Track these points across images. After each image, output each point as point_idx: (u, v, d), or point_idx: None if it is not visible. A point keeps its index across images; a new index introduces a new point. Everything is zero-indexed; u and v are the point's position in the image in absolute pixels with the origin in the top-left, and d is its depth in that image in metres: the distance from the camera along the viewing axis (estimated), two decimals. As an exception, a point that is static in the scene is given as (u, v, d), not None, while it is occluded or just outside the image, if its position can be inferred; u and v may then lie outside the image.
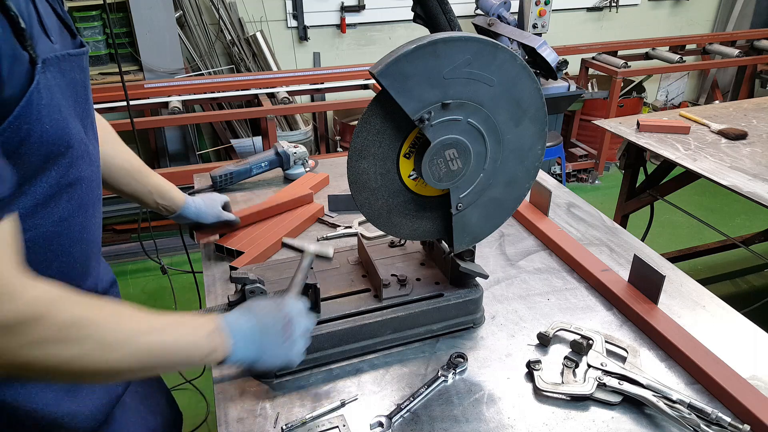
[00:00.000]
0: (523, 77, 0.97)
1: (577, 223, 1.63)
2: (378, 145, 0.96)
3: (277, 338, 0.91)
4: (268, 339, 0.90)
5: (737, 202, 3.91)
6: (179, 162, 3.82)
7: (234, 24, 3.93)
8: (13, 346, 0.66)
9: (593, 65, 4.45)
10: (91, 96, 0.91)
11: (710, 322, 1.23)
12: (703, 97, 5.48)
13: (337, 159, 2.02)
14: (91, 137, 0.90)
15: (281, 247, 1.48)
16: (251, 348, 0.88)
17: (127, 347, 0.74)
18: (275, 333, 0.91)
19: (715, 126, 2.43)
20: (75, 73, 0.84)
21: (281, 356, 0.92)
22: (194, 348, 0.81)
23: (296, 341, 0.94)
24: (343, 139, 4.22)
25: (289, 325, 0.93)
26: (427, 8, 1.13)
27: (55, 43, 0.80)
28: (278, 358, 0.92)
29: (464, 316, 1.18)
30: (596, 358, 1.06)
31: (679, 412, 0.95)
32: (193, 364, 0.82)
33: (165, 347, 0.79)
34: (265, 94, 3.57)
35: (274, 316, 0.93)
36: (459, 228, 1.08)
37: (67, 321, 0.69)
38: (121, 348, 0.74)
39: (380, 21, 4.33)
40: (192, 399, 2.43)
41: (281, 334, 0.92)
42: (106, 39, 3.62)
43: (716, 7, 5.28)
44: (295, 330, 0.94)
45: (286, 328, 0.93)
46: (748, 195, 1.88)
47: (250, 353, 0.88)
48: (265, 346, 0.90)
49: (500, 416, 0.99)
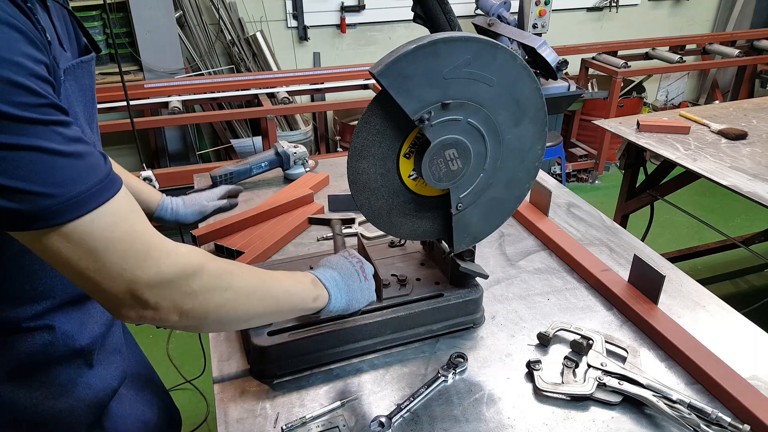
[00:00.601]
0: (523, 77, 0.97)
1: (577, 223, 1.63)
2: (378, 145, 0.96)
3: (358, 281, 1.00)
4: (352, 282, 0.99)
5: (737, 202, 3.91)
6: (179, 162, 3.82)
7: (234, 24, 3.93)
8: (177, 296, 0.72)
9: (593, 65, 4.45)
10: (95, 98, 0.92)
11: (710, 322, 1.23)
12: (703, 97, 5.48)
13: (337, 159, 2.02)
14: (96, 139, 0.92)
15: (281, 248, 1.48)
16: (343, 293, 0.97)
17: (260, 292, 0.84)
18: (355, 277, 1.00)
19: (715, 126, 2.43)
20: (85, 79, 0.85)
21: (365, 295, 1.01)
22: (306, 293, 0.91)
23: (371, 280, 1.02)
24: (343, 139, 4.22)
25: (363, 266, 1.01)
26: (427, 8, 1.13)
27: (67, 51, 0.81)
28: (363, 298, 1.01)
29: (464, 316, 1.18)
30: (596, 358, 1.07)
31: (679, 412, 0.95)
32: (304, 309, 0.91)
33: (287, 292, 0.88)
34: (265, 94, 3.57)
35: (349, 263, 1.01)
36: (459, 228, 1.08)
37: (217, 271, 0.77)
38: (256, 293, 0.83)
39: (380, 21, 4.33)
40: (192, 399, 2.43)
41: (359, 276, 1.00)
42: (106, 39, 3.62)
43: (716, 7, 5.28)
44: (367, 270, 1.02)
45: (361, 270, 1.01)
46: (748, 195, 1.88)
47: (342, 298, 0.96)
48: (352, 289, 0.98)
49: (500, 416, 0.99)
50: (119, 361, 1.03)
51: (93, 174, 0.66)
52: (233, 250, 1.41)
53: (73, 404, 0.93)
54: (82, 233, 0.65)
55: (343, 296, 0.97)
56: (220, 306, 0.78)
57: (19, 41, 0.61)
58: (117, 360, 1.03)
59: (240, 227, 1.52)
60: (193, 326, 0.79)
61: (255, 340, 1.04)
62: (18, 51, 0.60)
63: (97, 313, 0.97)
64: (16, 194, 0.60)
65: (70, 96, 0.77)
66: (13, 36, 0.61)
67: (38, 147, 0.61)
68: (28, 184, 0.61)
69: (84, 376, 0.95)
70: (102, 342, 0.98)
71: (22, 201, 0.61)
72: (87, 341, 0.94)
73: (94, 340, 0.95)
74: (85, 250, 0.66)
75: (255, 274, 0.85)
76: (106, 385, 0.99)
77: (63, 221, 0.63)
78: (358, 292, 0.99)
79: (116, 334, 1.05)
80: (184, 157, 3.84)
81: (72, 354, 0.92)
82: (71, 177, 0.64)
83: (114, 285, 0.68)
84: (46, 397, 0.90)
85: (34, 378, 0.89)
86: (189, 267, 0.73)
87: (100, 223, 0.66)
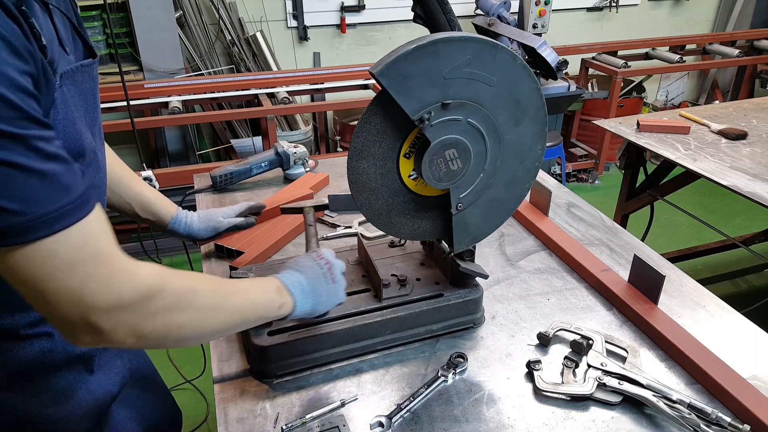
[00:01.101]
0: (523, 77, 0.97)
1: (577, 223, 1.63)
2: (378, 145, 0.96)
3: (325, 283, 0.99)
4: (319, 286, 0.98)
5: (737, 202, 3.91)
6: (179, 162, 3.82)
7: (234, 24, 3.93)
8: (136, 319, 0.71)
9: (593, 65, 4.45)
10: (99, 102, 0.91)
11: (710, 322, 1.23)
12: (703, 97, 5.48)
13: (337, 159, 2.02)
14: (98, 143, 0.90)
15: (281, 248, 1.48)
16: (308, 297, 0.96)
17: (225, 308, 0.83)
18: (322, 279, 0.99)
19: (715, 126, 2.43)
20: (86, 83, 0.84)
21: (332, 298, 1.00)
22: (270, 303, 0.90)
23: (339, 281, 1.01)
24: (343, 139, 4.22)
25: (330, 267, 1.01)
26: (427, 8, 1.13)
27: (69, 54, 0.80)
28: (330, 301, 1.00)
29: (464, 316, 1.18)
30: (596, 358, 1.06)
31: (679, 412, 0.95)
32: (269, 318, 0.91)
33: (251, 304, 0.88)
34: (265, 94, 3.57)
35: (317, 265, 1.00)
36: (459, 228, 1.08)
37: (178, 291, 0.76)
38: (220, 309, 0.83)
39: (380, 21, 4.33)
40: (192, 399, 2.43)
41: (327, 278, 0.99)
42: (106, 39, 3.62)
43: (716, 7, 5.28)
44: (335, 271, 1.01)
45: (329, 271, 1.00)
46: (748, 195, 1.88)
47: (308, 302, 0.96)
48: (318, 292, 0.98)
49: (500, 416, 0.99)
50: (120, 365, 1.03)
51: (65, 194, 0.64)
52: (233, 250, 1.41)
53: (72, 410, 0.93)
54: (47, 254, 0.63)
55: (309, 300, 0.96)
56: (181, 326, 0.77)
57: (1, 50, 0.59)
58: (118, 364, 1.03)
59: (240, 227, 1.52)
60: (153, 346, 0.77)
61: (255, 340, 1.04)
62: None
63: None
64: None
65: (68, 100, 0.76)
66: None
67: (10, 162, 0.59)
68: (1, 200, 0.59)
69: (84, 381, 0.95)
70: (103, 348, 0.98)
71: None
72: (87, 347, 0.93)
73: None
74: (47, 272, 0.64)
75: (218, 289, 0.83)
76: (106, 391, 0.98)
77: (28, 240, 0.61)
78: (324, 296, 0.98)
79: None
80: (184, 157, 3.84)
81: (71, 360, 0.92)
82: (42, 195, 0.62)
83: (71, 309, 0.66)
84: (45, 404, 0.90)
85: (33, 384, 0.89)
86: (149, 289, 0.72)
87: (66, 245, 0.64)
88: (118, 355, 1.03)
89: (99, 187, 0.89)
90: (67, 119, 0.75)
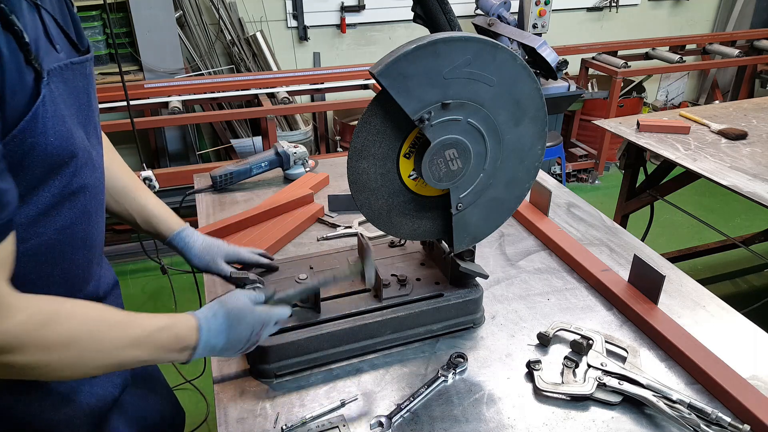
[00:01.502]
0: (523, 77, 0.97)
1: (577, 223, 1.63)
2: (378, 145, 0.96)
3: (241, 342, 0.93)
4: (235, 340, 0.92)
5: (737, 202, 3.91)
6: (179, 162, 3.82)
7: (234, 24, 3.93)
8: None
9: (593, 65, 4.44)
10: (95, 101, 0.90)
11: (710, 322, 1.23)
12: (703, 97, 5.48)
13: (337, 159, 2.02)
14: (94, 143, 0.89)
15: (281, 248, 1.48)
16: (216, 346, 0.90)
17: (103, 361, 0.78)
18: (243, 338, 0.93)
19: (715, 126, 2.43)
20: (78, 81, 0.83)
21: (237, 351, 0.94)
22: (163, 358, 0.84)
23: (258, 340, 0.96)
24: (343, 139, 4.22)
25: (261, 331, 0.95)
26: (427, 8, 1.13)
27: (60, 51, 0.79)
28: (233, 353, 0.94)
29: (464, 316, 1.18)
30: (596, 358, 1.06)
31: (679, 412, 0.95)
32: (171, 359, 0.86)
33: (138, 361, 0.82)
34: (265, 94, 3.57)
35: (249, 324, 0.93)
36: (459, 228, 1.08)
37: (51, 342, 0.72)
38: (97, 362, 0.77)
39: (380, 21, 4.33)
40: (192, 399, 2.43)
41: (248, 338, 0.94)
42: (106, 39, 3.61)
43: (716, 7, 5.28)
44: (263, 335, 0.96)
45: (256, 334, 0.94)
46: (748, 195, 1.88)
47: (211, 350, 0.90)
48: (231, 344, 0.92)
49: (500, 416, 0.99)
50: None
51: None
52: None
53: (73, 413, 0.92)
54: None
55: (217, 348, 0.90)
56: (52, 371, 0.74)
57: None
58: None
59: (240, 227, 1.52)
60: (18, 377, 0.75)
61: (255, 340, 1.03)
62: None
63: None
64: None
65: (56, 98, 0.75)
66: None
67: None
68: None
69: (84, 385, 0.94)
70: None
71: None
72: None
73: None
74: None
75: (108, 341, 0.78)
76: (107, 394, 0.98)
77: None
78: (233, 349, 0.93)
79: None
80: (184, 157, 3.84)
81: None
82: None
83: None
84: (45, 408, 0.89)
85: (33, 389, 0.88)
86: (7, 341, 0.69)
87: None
88: None
89: (95, 187, 0.89)
90: (56, 117, 0.74)
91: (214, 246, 1.18)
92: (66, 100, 0.79)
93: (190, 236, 1.18)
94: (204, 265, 1.17)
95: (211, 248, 1.18)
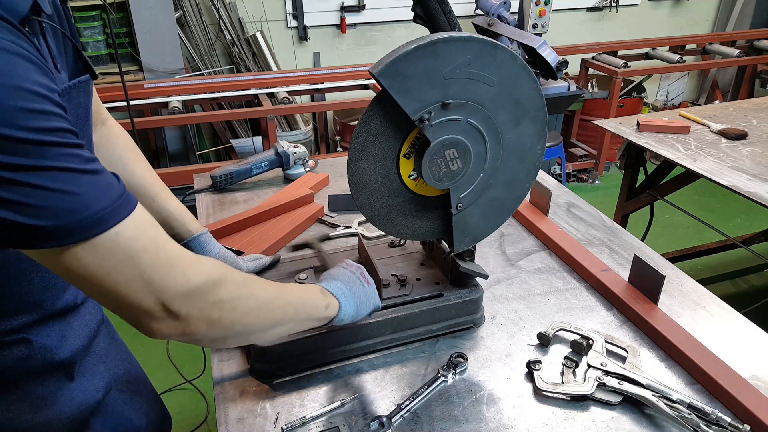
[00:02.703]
0: (523, 77, 0.97)
1: (577, 223, 1.63)
2: (378, 145, 0.96)
3: (362, 286, 1.02)
4: (357, 289, 1.01)
5: (737, 202, 3.90)
6: (179, 162, 3.82)
7: (234, 24, 3.93)
8: (205, 305, 0.74)
9: (593, 65, 4.45)
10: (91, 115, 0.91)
11: (710, 322, 1.23)
12: (703, 97, 5.48)
13: (337, 159, 2.02)
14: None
15: (281, 248, 1.48)
16: (350, 301, 0.98)
17: (280, 300, 0.87)
18: (358, 283, 1.02)
19: (715, 126, 2.43)
20: (81, 98, 0.84)
21: (370, 300, 1.03)
22: (317, 300, 0.93)
23: (372, 284, 1.04)
24: (343, 139, 4.22)
25: (362, 272, 1.04)
26: (427, 8, 1.13)
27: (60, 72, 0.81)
28: (369, 303, 1.03)
29: (464, 316, 1.18)
30: (596, 358, 1.07)
31: (679, 412, 0.95)
32: (318, 318, 0.93)
33: (301, 301, 0.91)
34: (265, 94, 3.57)
35: (350, 272, 1.03)
36: (459, 228, 1.08)
37: (240, 280, 0.80)
38: (276, 301, 0.86)
39: (380, 21, 4.33)
40: (192, 399, 2.43)
41: (362, 282, 1.02)
42: (106, 39, 3.62)
43: (716, 7, 5.28)
44: (367, 276, 1.04)
45: (362, 276, 1.03)
46: (748, 195, 1.88)
47: (351, 305, 0.98)
48: (357, 295, 1.00)
49: (500, 416, 0.99)
50: (103, 371, 1.01)
51: (112, 190, 0.68)
52: (233, 250, 1.40)
53: (53, 417, 0.92)
54: (109, 246, 0.66)
55: (351, 303, 0.98)
56: (245, 314, 0.80)
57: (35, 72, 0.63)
58: (101, 371, 1.01)
59: (240, 227, 1.52)
60: (221, 338, 0.80)
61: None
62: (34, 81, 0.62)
63: (79, 326, 0.96)
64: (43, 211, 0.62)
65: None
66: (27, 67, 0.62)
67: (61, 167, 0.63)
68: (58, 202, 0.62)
69: (64, 388, 0.93)
70: (84, 354, 0.97)
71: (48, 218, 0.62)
72: (67, 354, 0.93)
73: (75, 353, 0.94)
74: (112, 264, 0.67)
75: (271, 284, 0.88)
76: (89, 397, 0.97)
77: (90, 236, 0.65)
78: (363, 297, 1.01)
79: (101, 344, 1.03)
80: (184, 157, 3.84)
81: (51, 367, 0.91)
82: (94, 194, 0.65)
83: (143, 297, 0.69)
84: (24, 411, 0.89)
85: (11, 391, 0.88)
86: (214, 276, 0.75)
87: (124, 236, 0.67)
88: (100, 360, 1.01)
89: None
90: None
91: (230, 258, 1.24)
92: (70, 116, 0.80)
93: (208, 242, 1.23)
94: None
95: (227, 259, 1.24)
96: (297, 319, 0.90)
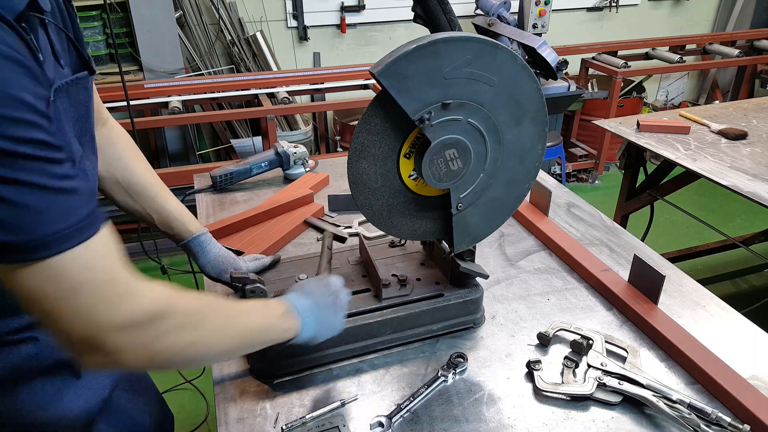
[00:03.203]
0: (523, 77, 0.97)
1: (577, 223, 1.63)
2: (378, 145, 0.96)
3: (330, 312, 1.00)
4: (324, 314, 0.98)
5: (737, 202, 3.91)
6: (179, 162, 3.82)
7: (234, 24, 3.93)
8: (147, 338, 0.71)
9: (593, 65, 4.45)
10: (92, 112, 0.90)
11: (710, 322, 1.23)
12: (703, 97, 5.48)
13: (337, 159, 2.02)
14: (88, 153, 0.90)
15: (281, 248, 1.48)
16: (313, 323, 0.96)
17: (232, 329, 0.84)
18: (328, 308, 1.00)
19: (715, 126, 2.43)
20: (80, 95, 0.84)
21: (333, 327, 1.01)
22: (276, 327, 0.91)
23: (342, 313, 1.02)
24: (343, 139, 4.22)
25: (337, 298, 1.02)
26: (427, 8, 1.13)
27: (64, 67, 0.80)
28: (331, 329, 1.00)
29: (464, 316, 1.18)
30: (596, 358, 1.07)
31: (679, 412, 0.95)
32: (274, 341, 0.91)
33: (258, 327, 0.89)
34: (265, 94, 3.57)
35: (325, 294, 1.01)
36: (459, 228, 1.08)
37: (188, 311, 0.77)
38: (227, 330, 0.83)
39: (380, 21, 4.33)
40: (192, 399, 2.43)
41: (333, 307, 1.00)
42: (106, 39, 3.61)
43: (716, 7, 5.28)
44: (341, 302, 1.02)
45: (335, 301, 1.01)
46: (748, 195, 1.88)
47: (311, 328, 0.96)
48: (322, 320, 0.98)
49: (500, 416, 0.99)
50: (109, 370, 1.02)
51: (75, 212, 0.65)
52: (233, 250, 1.40)
53: (59, 415, 0.92)
54: (55, 273, 0.64)
55: (312, 327, 0.96)
56: (190, 345, 0.77)
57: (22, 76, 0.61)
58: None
59: (240, 227, 1.52)
60: (163, 367, 0.78)
61: (255, 340, 1.03)
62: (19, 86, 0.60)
63: None
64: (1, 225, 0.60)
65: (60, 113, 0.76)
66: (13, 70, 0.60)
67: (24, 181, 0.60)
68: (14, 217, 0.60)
69: (71, 386, 0.94)
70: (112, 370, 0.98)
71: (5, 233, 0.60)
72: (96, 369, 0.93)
73: None
74: (55, 290, 0.65)
75: (229, 309, 0.85)
76: (95, 395, 0.97)
77: (36, 258, 0.62)
78: (326, 325, 0.99)
79: None
80: (184, 157, 3.84)
81: (58, 365, 0.91)
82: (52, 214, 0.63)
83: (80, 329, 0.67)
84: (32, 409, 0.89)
85: (19, 390, 0.88)
86: (158, 310, 0.72)
87: (73, 265, 0.65)
88: None
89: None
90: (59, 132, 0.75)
91: (230, 258, 1.23)
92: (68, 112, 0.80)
93: (208, 242, 1.21)
94: (216, 273, 1.21)
95: (227, 259, 1.22)
96: (252, 345, 0.89)
